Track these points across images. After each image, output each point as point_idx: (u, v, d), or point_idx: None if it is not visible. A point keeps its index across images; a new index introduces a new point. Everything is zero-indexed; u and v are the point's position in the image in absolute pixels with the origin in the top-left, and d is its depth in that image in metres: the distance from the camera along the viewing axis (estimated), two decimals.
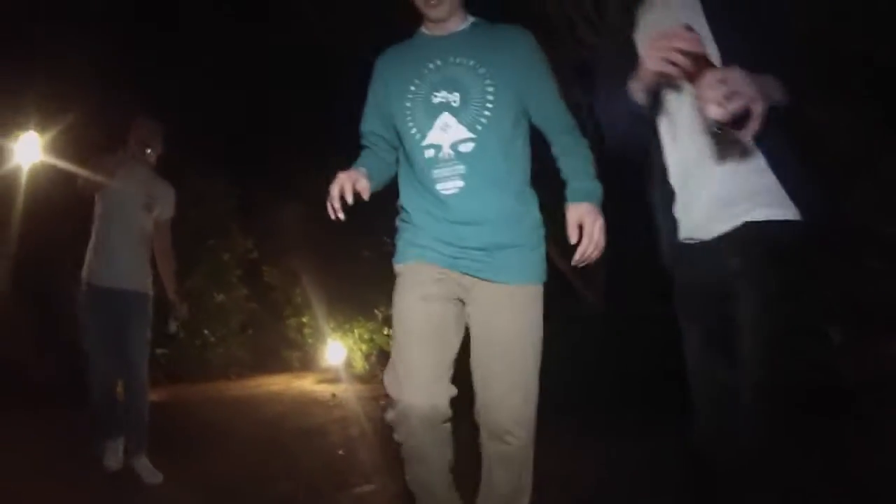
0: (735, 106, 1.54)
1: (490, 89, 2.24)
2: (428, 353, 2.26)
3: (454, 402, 2.28)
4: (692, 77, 1.62)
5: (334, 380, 9.90)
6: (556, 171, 2.36)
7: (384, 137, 2.47)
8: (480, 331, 2.32)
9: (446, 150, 2.25)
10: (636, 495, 3.66)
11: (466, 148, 2.24)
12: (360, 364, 10.87)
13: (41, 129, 7.15)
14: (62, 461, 4.75)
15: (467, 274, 2.30)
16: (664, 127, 1.96)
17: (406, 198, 2.40)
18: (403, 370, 2.25)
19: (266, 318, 11.93)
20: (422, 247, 2.32)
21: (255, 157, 10.85)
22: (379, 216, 9.43)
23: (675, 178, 1.93)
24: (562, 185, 2.31)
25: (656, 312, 7.13)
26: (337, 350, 10.85)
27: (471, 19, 2.38)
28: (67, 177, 4.86)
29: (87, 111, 7.35)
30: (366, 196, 2.26)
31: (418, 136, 2.28)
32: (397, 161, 2.48)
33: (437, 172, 2.26)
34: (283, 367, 11.73)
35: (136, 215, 4.44)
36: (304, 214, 11.55)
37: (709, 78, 1.57)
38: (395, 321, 2.34)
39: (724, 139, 1.73)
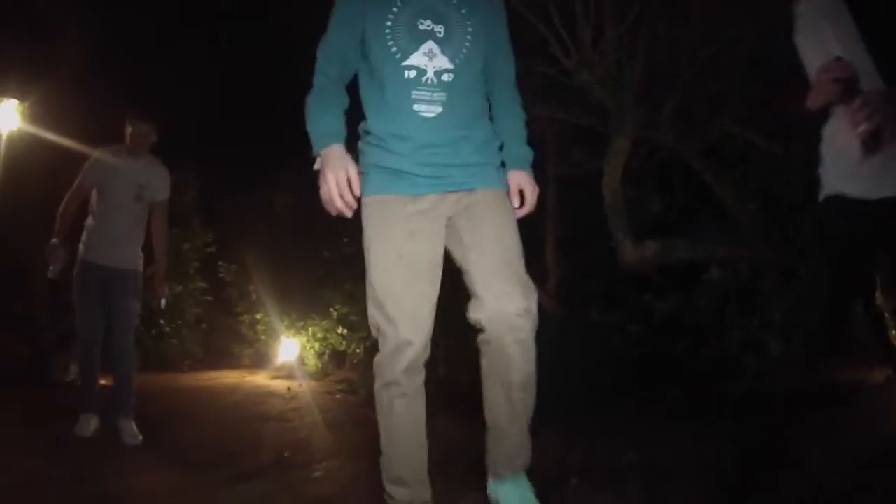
0: (874, 123, 2.14)
1: (469, 28, 2.39)
2: (423, 291, 2.36)
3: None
4: (844, 101, 2.26)
5: (287, 376, 9.96)
6: None
7: (346, 66, 2.47)
8: (475, 234, 2.41)
9: (430, 76, 2.34)
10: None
11: (448, 78, 2.36)
12: (312, 362, 10.97)
13: (21, 96, 7.21)
14: (36, 435, 4.92)
15: (451, 191, 2.42)
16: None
17: (376, 122, 2.43)
18: (397, 309, 2.32)
19: (219, 314, 11.94)
20: (399, 175, 2.38)
21: (220, 150, 10.90)
22: (339, 218, 9.67)
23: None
24: None
25: (604, 318, 7.53)
26: (290, 347, 10.92)
27: None
28: (47, 146, 5.40)
29: (68, 80, 7.34)
30: (356, 188, 2.30)
31: (399, 56, 2.34)
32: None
33: (416, 94, 2.34)
34: (234, 363, 11.73)
35: (130, 205, 4.85)
36: (266, 212, 11.70)
37: (856, 103, 2.17)
38: (380, 256, 2.38)
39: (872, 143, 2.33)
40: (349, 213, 2.31)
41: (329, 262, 10.69)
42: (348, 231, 10.39)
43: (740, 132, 6.69)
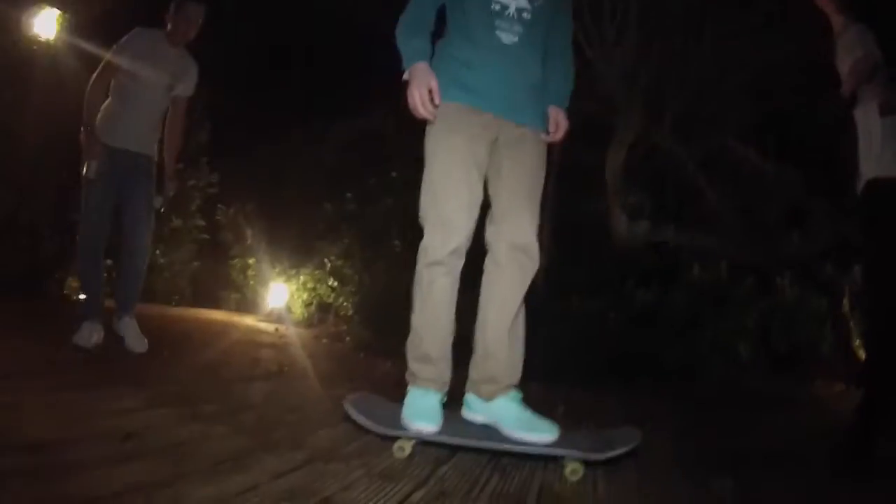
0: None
1: None
2: (475, 186, 2.75)
3: None
4: (868, 80, 3.13)
5: (275, 321, 10.15)
6: None
7: (432, 6, 2.83)
8: (513, 165, 2.79)
9: (512, 11, 2.72)
10: None
11: (526, 16, 2.75)
12: (299, 311, 11.20)
13: (63, 6, 7.30)
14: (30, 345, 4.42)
15: (506, 118, 2.78)
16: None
17: (459, 44, 2.79)
18: (454, 197, 2.70)
19: (211, 256, 12.12)
20: (472, 90, 2.74)
21: (234, 95, 11.05)
22: (339, 176, 9.81)
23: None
24: None
25: (586, 304, 7.81)
26: (279, 294, 11.10)
27: None
28: (86, 56, 5.11)
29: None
30: (437, 98, 2.66)
31: None
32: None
33: (499, 22, 2.72)
34: (220, 305, 11.95)
35: (158, 96, 4.61)
36: (272, 160, 11.85)
37: (873, 84, 3.12)
38: (444, 152, 2.75)
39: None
40: (431, 118, 2.68)
41: (330, 215, 10.92)
42: (352, 188, 10.65)
43: (735, 148, 7.17)
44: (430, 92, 2.64)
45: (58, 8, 7.30)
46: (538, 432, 2.59)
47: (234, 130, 11.13)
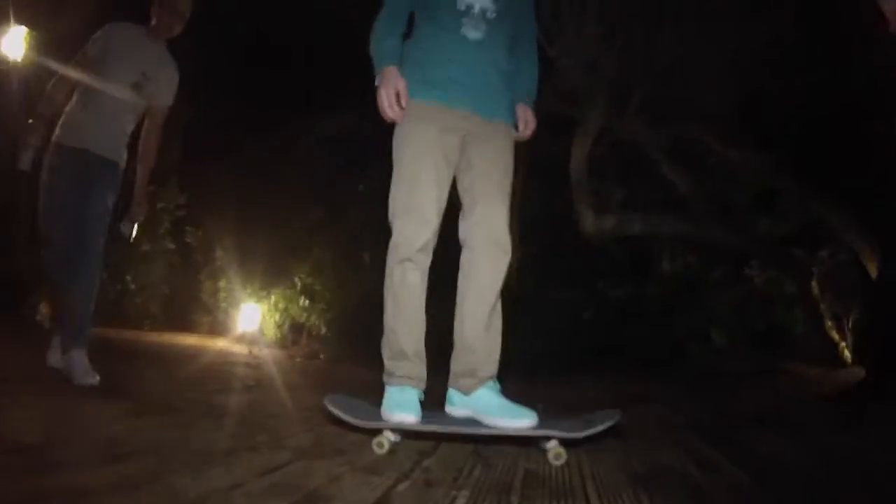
0: None
1: None
2: (444, 180, 2.82)
3: None
4: None
5: (248, 344, 10.09)
6: None
7: (405, 9, 2.93)
8: (482, 159, 2.88)
9: (476, 11, 2.83)
10: None
11: (490, 15, 2.85)
12: (271, 332, 11.17)
13: (33, 25, 7.15)
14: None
15: (476, 113, 2.86)
16: None
17: (427, 43, 2.88)
18: (423, 193, 2.77)
19: (182, 278, 12.03)
20: (440, 85, 2.83)
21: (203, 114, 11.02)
22: (307, 190, 9.80)
23: None
24: None
25: (560, 296, 7.93)
26: (251, 315, 11.03)
27: None
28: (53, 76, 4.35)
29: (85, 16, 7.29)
30: (404, 100, 2.76)
31: None
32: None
33: (464, 20, 2.82)
34: (192, 329, 11.83)
35: (126, 94, 4.03)
36: (237, 180, 11.82)
37: None
38: (414, 147, 2.81)
39: None
40: (399, 119, 2.79)
41: (296, 232, 10.94)
42: (319, 200, 10.67)
43: (700, 136, 7.33)
44: (398, 94, 2.73)
45: (26, 26, 7.22)
46: (518, 418, 2.62)
47: (199, 147, 11.07)
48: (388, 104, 2.74)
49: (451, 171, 2.86)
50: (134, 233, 4.26)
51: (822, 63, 6.34)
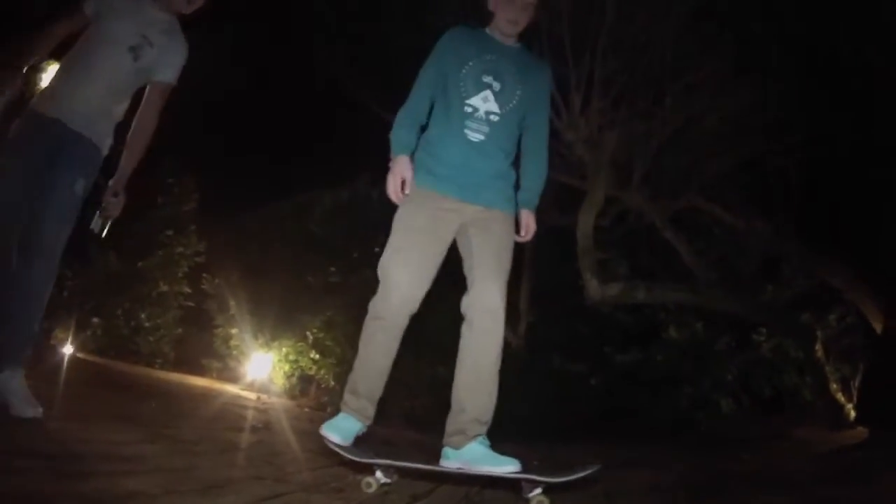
0: None
1: (518, 92, 3.21)
2: (428, 258, 3.11)
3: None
4: None
5: (257, 391, 10.17)
6: None
7: (432, 94, 3.26)
8: (480, 240, 3.14)
9: (481, 114, 3.16)
10: None
11: (494, 118, 3.17)
12: (281, 382, 11.22)
13: None
14: None
15: (472, 203, 3.14)
16: None
17: (436, 137, 3.21)
18: (405, 263, 3.07)
19: (195, 323, 12.19)
20: (440, 177, 3.15)
21: (223, 167, 11.37)
22: (323, 248, 10.00)
23: None
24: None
25: (565, 366, 8.04)
26: (261, 363, 11.12)
27: (519, 44, 3.37)
28: None
29: None
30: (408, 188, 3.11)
31: (464, 94, 3.17)
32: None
33: (469, 123, 3.15)
34: (202, 373, 11.94)
35: (120, 60, 3.35)
36: (258, 233, 12.07)
37: None
38: (406, 223, 3.13)
39: None
40: (400, 203, 3.14)
41: (311, 288, 11.09)
42: (336, 262, 10.86)
43: (704, 205, 7.57)
44: (404, 182, 3.09)
45: None
46: (503, 465, 2.83)
47: (219, 199, 11.37)
48: (393, 189, 3.10)
49: (442, 247, 3.15)
50: (105, 230, 3.40)
51: (818, 124, 6.59)
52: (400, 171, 3.10)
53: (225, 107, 11.04)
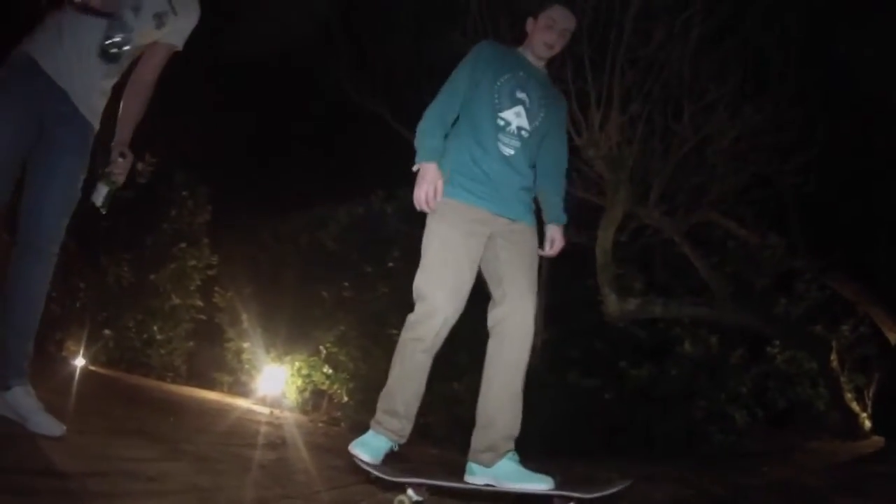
0: None
1: (541, 114, 3.31)
2: (464, 275, 3.08)
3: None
4: None
5: (269, 406, 10.09)
6: None
7: (459, 103, 3.24)
8: (510, 254, 3.16)
9: (513, 128, 3.21)
10: None
11: (525, 134, 3.24)
12: (293, 397, 11.12)
13: None
14: None
15: (501, 214, 3.16)
16: None
17: (465, 149, 3.20)
18: (443, 282, 3.04)
19: (207, 337, 12.12)
20: (473, 193, 3.14)
21: (237, 178, 11.35)
22: (337, 262, 9.98)
23: None
24: None
25: (581, 382, 7.95)
26: (274, 378, 11.04)
27: (546, 70, 3.49)
28: None
29: None
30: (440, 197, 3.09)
31: (498, 107, 3.20)
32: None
33: (502, 136, 3.19)
34: (213, 387, 11.86)
35: (143, 23, 3.01)
36: (271, 246, 12.03)
37: None
38: (440, 241, 3.11)
39: None
40: (431, 213, 3.12)
41: (324, 302, 11.00)
42: (349, 277, 10.79)
43: (719, 220, 7.58)
44: (435, 191, 3.06)
45: None
46: (535, 482, 2.84)
47: (232, 213, 11.34)
48: (424, 199, 3.07)
49: (473, 265, 3.13)
50: (108, 203, 3.04)
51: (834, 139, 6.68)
52: (432, 178, 3.07)
53: (240, 120, 11.04)
